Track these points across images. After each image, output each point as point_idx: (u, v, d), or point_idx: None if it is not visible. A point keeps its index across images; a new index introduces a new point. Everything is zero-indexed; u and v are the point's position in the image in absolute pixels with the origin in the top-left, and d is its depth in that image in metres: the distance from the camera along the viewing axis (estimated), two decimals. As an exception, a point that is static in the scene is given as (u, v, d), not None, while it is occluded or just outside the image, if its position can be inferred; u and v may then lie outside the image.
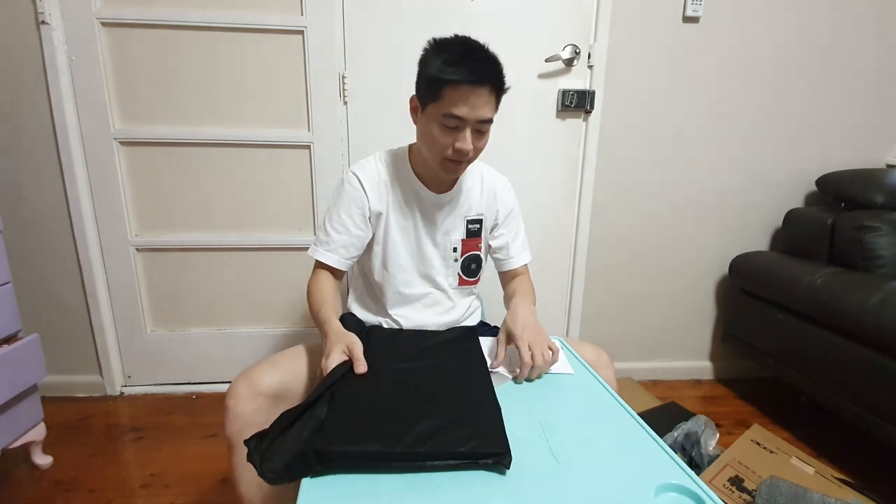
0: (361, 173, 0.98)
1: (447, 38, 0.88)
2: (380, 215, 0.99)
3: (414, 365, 0.81)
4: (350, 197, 0.97)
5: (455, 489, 0.56)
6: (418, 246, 1.02)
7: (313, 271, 0.99)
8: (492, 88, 0.85)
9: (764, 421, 1.60)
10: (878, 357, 1.23)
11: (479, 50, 0.86)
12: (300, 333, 1.72)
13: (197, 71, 1.49)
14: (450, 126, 0.85)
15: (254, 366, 0.83)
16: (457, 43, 0.87)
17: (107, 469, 1.32)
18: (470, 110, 0.84)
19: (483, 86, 0.83)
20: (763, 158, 1.72)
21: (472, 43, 0.87)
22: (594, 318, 1.81)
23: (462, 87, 0.82)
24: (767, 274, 1.61)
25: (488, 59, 0.86)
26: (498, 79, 0.86)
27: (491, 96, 0.86)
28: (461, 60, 0.82)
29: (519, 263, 1.10)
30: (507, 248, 1.09)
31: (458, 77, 0.82)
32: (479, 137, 0.89)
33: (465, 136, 0.86)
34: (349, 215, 0.97)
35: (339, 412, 0.66)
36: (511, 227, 1.09)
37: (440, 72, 0.83)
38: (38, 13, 1.37)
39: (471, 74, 0.82)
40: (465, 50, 0.85)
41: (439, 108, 0.85)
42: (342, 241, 0.97)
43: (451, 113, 0.84)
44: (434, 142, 0.88)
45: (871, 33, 1.65)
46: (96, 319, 1.61)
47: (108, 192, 1.54)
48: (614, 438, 0.67)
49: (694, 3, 1.54)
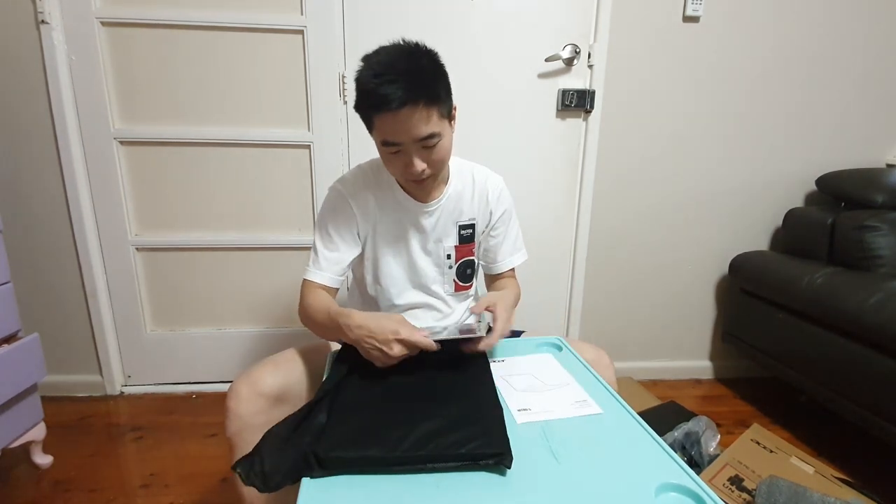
0: (346, 187, 0.95)
1: (375, 51, 0.80)
2: (367, 230, 0.97)
3: (414, 368, 0.81)
4: (336, 213, 0.95)
5: (455, 489, 0.56)
6: (409, 257, 0.99)
7: (302, 293, 0.94)
8: (423, 104, 0.76)
9: (764, 421, 1.60)
10: (878, 357, 1.23)
11: (402, 64, 0.76)
12: (300, 333, 1.72)
13: (197, 71, 1.49)
14: (392, 151, 0.82)
15: (255, 366, 0.83)
16: (379, 57, 0.78)
17: (107, 469, 1.32)
18: (404, 133, 0.78)
19: (407, 106, 0.75)
20: (763, 158, 1.72)
21: (399, 55, 0.78)
22: (594, 317, 1.81)
23: (384, 115, 0.76)
24: (767, 273, 1.61)
25: (412, 72, 0.76)
26: (426, 92, 0.76)
27: (425, 111, 0.77)
28: (376, 84, 0.74)
29: (504, 268, 1.07)
30: (493, 251, 1.06)
31: (377, 103, 0.75)
32: (431, 151, 0.82)
33: (412, 160, 0.81)
34: (337, 232, 0.95)
35: (339, 417, 0.66)
36: (500, 231, 1.05)
37: (363, 99, 0.78)
38: (37, 13, 1.37)
39: (392, 98, 0.74)
40: (384, 67, 0.76)
41: (377, 136, 0.81)
42: (335, 258, 0.95)
43: (386, 140, 0.81)
44: (388, 165, 0.86)
45: (871, 33, 1.65)
46: (96, 319, 1.61)
47: (108, 192, 1.54)
48: (614, 438, 0.67)
49: (694, 3, 1.54)
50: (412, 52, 0.80)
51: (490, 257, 1.07)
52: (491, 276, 1.10)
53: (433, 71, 0.80)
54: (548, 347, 0.96)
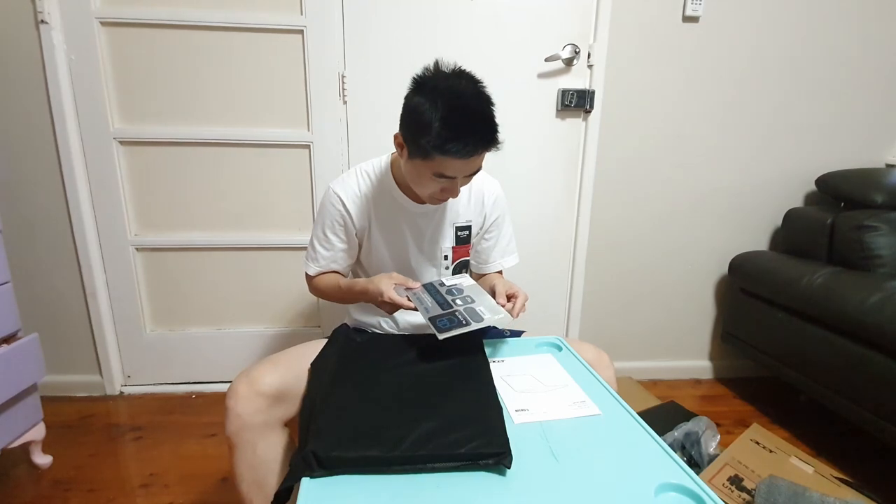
0: (342, 190, 0.97)
1: (436, 80, 0.80)
2: (364, 230, 0.99)
3: (414, 368, 0.81)
4: (332, 215, 0.97)
5: (455, 489, 0.56)
6: (406, 258, 1.01)
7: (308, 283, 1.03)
8: (491, 149, 0.82)
9: (763, 420, 1.60)
10: (878, 357, 1.23)
11: (478, 114, 0.79)
12: (300, 333, 1.72)
13: (197, 71, 1.48)
14: (440, 182, 0.84)
15: (254, 365, 0.83)
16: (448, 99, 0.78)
17: (106, 469, 1.32)
18: (463, 171, 0.83)
19: (477, 154, 0.81)
20: (763, 158, 1.72)
21: (468, 99, 0.80)
22: (594, 317, 1.81)
23: (457, 160, 0.79)
24: (767, 273, 1.61)
25: (486, 123, 0.80)
26: (495, 140, 0.81)
27: (484, 153, 0.83)
28: (457, 132, 0.77)
29: (493, 269, 1.10)
30: (486, 253, 1.09)
31: (454, 152, 0.78)
32: (470, 178, 0.88)
33: (455, 189, 0.86)
34: (333, 233, 0.98)
35: (339, 416, 0.66)
36: (493, 234, 1.07)
37: (434, 145, 0.77)
38: (37, 12, 1.37)
39: (469, 148, 0.78)
40: (460, 115, 0.78)
41: (429, 167, 0.82)
42: (332, 256, 1.00)
43: (443, 174, 0.82)
44: (421, 185, 0.87)
45: (871, 33, 1.65)
46: (96, 319, 1.61)
47: (107, 192, 1.54)
48: (614, 438, 0.67)
49: (694, 3, 1.54)
50: (479, 94, 0.81)
51: (482, 258, 1.10)
52: (479, 273, 1.13)
53: (494, 115, 0.82)
54: (548, 347, 0.96)
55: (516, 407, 0.73)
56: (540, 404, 0.74)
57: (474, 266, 1.12)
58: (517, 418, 0.70)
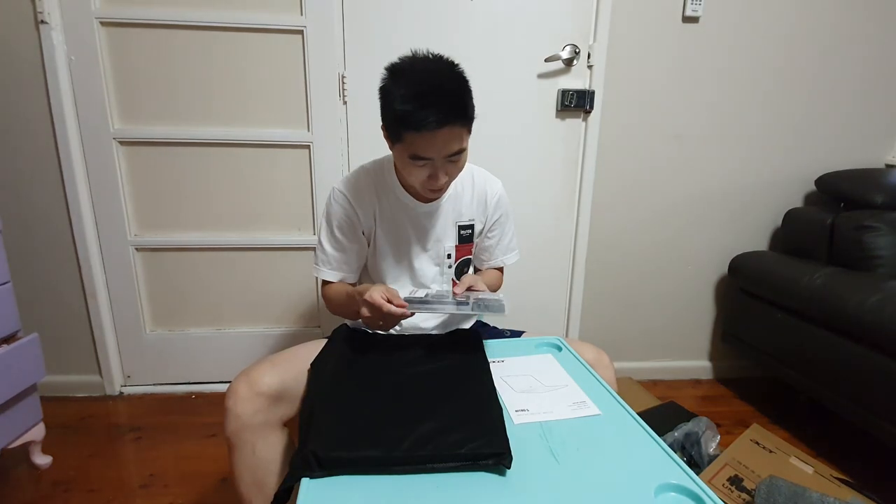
0: (347, 189, 0.97)
1: (404, 63, 0.81)
2: (371, 230, 0.99)
3: (414, 369, 0.81)
4: (339, 215, 0.97)
5: (455, 489, 0.56)
6: (409, 256, 1.01)
7: (323, 285, 1.03)
8: (458, 125, 0.80)
9: (763, 421, 1.60)
10: (878, 357, 1.23)
11: (439, 86, 0.78)
12: (300, 333, 1.72)
13: (197, 71, 1.48)
14: (419, 164, 0.83)
15: (253, 366, 0.83)
16: (413, 76, 0.79)
17: (106, 469, 1.32)
18: (436, 150, 0.80)
19: (445, 128, 0.78)
20: (762, 158, 1.73)
21: (433, 74, 0.79)
22: (594, 318, 1.81)
23: (423, 134, 0.77)
24: (767, 274, 1.61)
25: (450, 94, 0.78)
26: (464, 113, 0.80)
27: (458, 129, 0.80)
28: (419, 104, 0.75)
29: (495, 266, 1.12)
30: (488, 251, 1.10)
31: (416, 124, 0.76)
32: (454, 164, 0.85)
33: (436, 173, 0.84)
34: (342, 233, 0.98)
35: (339, 417, 0.66)
36: (496, 233, 1.08)
37: (398, 118, 0.77)
38: (37, 12, 1.37)
39: (431, 119, 0.76)
40: (422, 87, 0.77)
41: (404, 149, 0.82)
42: (343, 258, 0.99)
43: (417, 155, 0.81)
44: (408, 174, 0.87)
45: (871, 33, 1.65)
46: (96, 319, 1.61)
47: (107, 192, 1.54)
48: (614, 438, 0.67)
49: (694, 3, 1.54)
50: (446, 70, 0.81)
51: (484, 256, 1.11)
52: (479, 269, 1.14)
53: (466, 91, 0.81)
54: (548, 348, 0.96)
55: (516, 407, 0.73)
56: (540, 404, 0.74)
57: (475, 262, 1.12)
58: (517, 418, 0.70)
